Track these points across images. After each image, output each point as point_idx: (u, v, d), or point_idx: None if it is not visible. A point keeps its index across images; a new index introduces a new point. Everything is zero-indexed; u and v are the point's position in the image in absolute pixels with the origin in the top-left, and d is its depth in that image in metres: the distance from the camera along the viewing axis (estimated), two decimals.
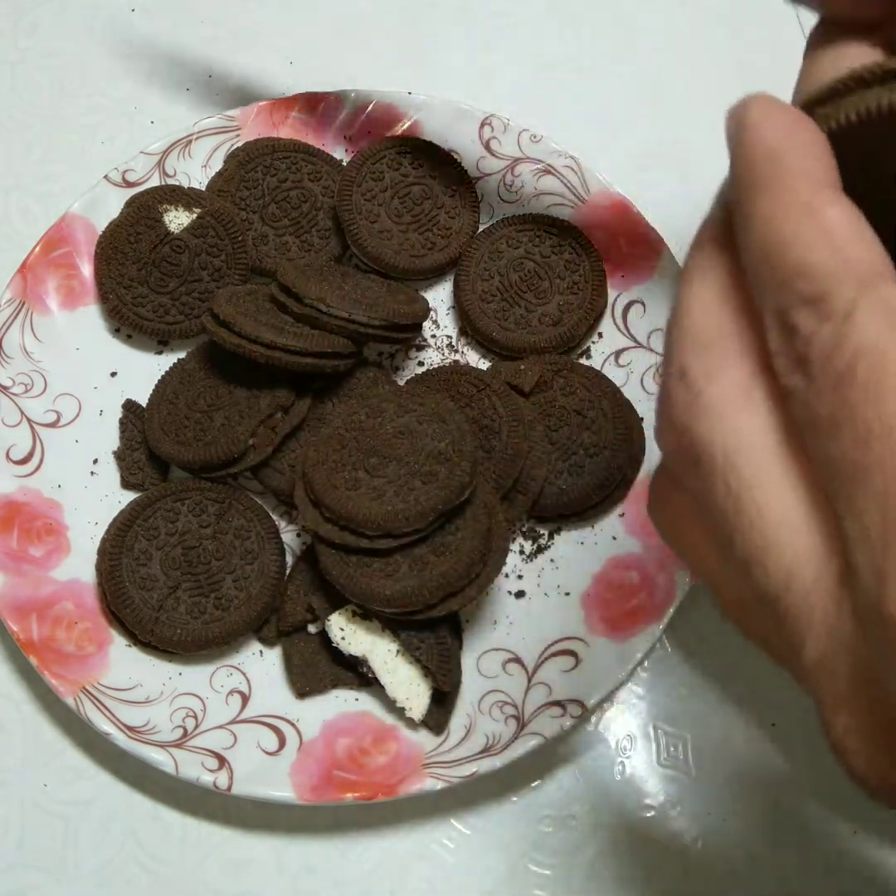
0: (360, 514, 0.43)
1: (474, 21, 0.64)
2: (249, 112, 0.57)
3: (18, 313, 0.52)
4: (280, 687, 0.47)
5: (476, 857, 0.46)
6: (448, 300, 0.55)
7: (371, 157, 0.55)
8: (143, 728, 0.44)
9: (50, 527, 0.49)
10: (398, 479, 0.44)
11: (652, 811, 0.46)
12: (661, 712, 0.48)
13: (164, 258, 0.52)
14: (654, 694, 0.48)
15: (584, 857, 0.45)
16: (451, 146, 0.56)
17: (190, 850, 0.46)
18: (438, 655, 0.44)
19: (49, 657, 0.45)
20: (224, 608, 0.46)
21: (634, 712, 0.48)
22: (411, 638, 0.44)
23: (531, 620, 0.48)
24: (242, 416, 0.48)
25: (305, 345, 0.46)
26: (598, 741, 0.47)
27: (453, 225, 0.55)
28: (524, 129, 0.56)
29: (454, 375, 0.51)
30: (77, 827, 0.46)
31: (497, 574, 0.45)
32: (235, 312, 0.47)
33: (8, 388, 0.51)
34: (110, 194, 0.54)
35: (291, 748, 0.45)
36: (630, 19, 0.64)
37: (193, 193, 0.54)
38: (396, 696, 0.45)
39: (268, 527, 0.48)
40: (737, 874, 0.45)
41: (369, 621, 0.45)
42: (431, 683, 0.45)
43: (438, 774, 0.44)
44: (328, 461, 0.45)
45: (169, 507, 0.48)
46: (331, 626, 0.45)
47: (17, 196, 0.58)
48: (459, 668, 0.46)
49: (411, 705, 0.45)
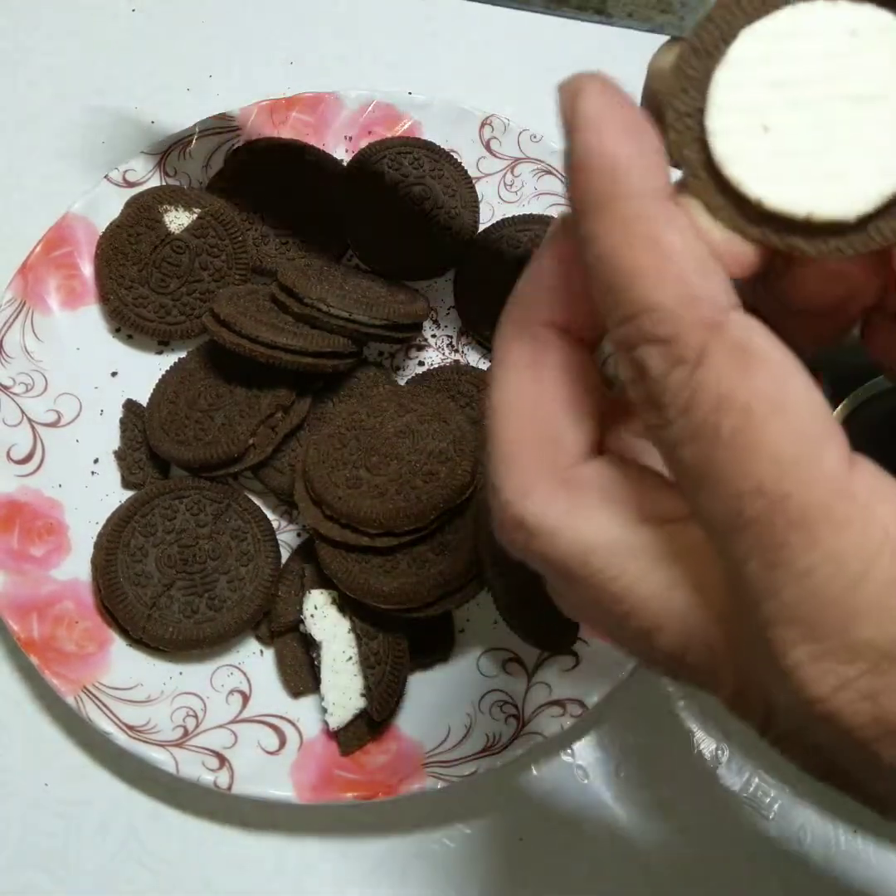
0: (361, 512, 0.43)
1: (474, 21, 0.64)
2: (250, 112, 0.57)
3: (19, 313, 0.52)
4: (280, 686, 0.47)
5: (476, 856, 0.46)
6: (448, 300, 0.55)
7: (371, 157, 0.55)
8: (144, 727, 0.44)
9: (51, 526, 0.49)
10: (399, 477, 0.44)
11: (652, 811, 0.46)
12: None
13: (165, 259, 0.52)
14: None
15: (585, 857, 0.45)
16: (451, 146, 0.56)
17: (190, 850, 0.46)
18: (386, 685, 0.44)
19: (50, 656, 0.45)
20: (217, 608, 0.46)
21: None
22: (370, 655, 0.44)
23: None
24: (243, 415, 0.48)
25: (306, 344, 0.46)
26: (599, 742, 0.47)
27: (453, 225, 0.55)
28: (524, 129, 0.56)
29: (454, 375, 0.51)
30: (77, 826, 0.46)
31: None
32: (236, 312, 0.47)
33: (9, 387, 0.51)
34: (111, 194, 0.54)
35: (292, 747, 0.45)
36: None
37: (194, 193, 0.54)
38: (325, 695, 0.44)
39: (264, 529, 0.48)
40: (737, 874, 0.45)
41: (342, 615, 0.45)
42: (364, 705, 0.44)
43: (438, 774, 0.44)
44: (329, 460, 0.45)
45: (167, 505, 0.48)
46: (308, 599, 0.45)
47: (18, 196, 0.58)
48: (398, 705, 0.46)
49: (333, 712, 0.44)
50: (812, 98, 0.20)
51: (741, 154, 0.20)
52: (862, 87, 0.20)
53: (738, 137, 0.20)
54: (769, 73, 0.20)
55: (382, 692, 0.44)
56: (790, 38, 0.20)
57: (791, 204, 0.20)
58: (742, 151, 0.20)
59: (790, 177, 0.20)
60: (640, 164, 0.20)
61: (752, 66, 0.21)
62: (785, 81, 0.20)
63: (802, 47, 0.20)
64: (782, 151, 0.20)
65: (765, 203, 0.20)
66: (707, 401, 0.19)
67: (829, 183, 0.20)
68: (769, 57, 0.20)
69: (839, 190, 0.20)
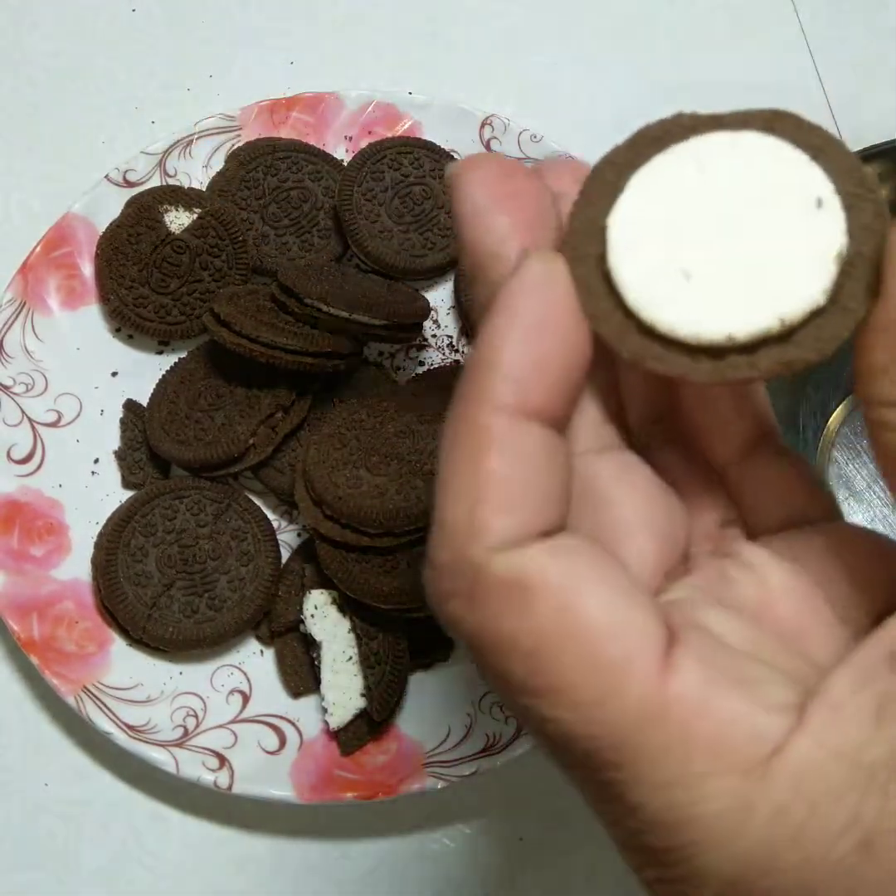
0: (361, 511, 0.43)
1: (474, 21, 0.64)
2: (250, 112, 0.57)
3: (19, 313, 0.52)
4: (280, 686, 0.47)
5: (476, 856, 0.46)
6: (448, 300, 0.55)
7: (371, 157, 0.55)
8: (144, 727, 0.44)
9: (51, 526, 0.49)
10: (399, 477, 0.44)
11: None
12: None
13: (165, 259, 0.52)
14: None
15: (584, 857, 0.45)
16: (451, 146, 0.56)
17: (190, 850, 0.46)
18: (386, 685, 0.44)
19: (50, 656, 0.45)
20: (217, 609, 0.46)
21: None
22: (370, 655, 0.44)
23: None
24: (243, 415, 0.48)
25: (306, 344, 0.46)
26: None
27: (453, 225, 0.55)
28: (524, 129, 0.56)
29: (455, 375, 0.51)
30: (77, 826, 0.46)
31: None
32: (236, 312, 0.47)
33: (9, 387, 0.51)
34: (111, 194, 0.54)
35: (292, 747, 0.45)
36: (630, 19, 0.64)
37: (194, 193, 0.54)
38: (326, 695, 0.44)
39: (265, 529, 0.48)
40: None
41: (343, 615, 0.45)
42: (364, 705, 0.44)
43: (439, 774, 0.44)
44: (329, 459, 0.45)
45: (167, 505, 0.48)
46: (308, 599, 0.45)
47: (18, 196, 0.58)
48: (398, 705, 0.46)
49: (333, 712, 0.44)
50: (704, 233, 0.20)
51: (646, 283, 0.20)
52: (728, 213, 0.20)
53: (645, 278, 0.20)
54: (657, 215, 0.21)
55: (382, 692, 0.44)
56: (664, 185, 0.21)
57: (688, 326, 0.20)
58: (647, 282, 0.20)
59: (694, 303, 0.20)
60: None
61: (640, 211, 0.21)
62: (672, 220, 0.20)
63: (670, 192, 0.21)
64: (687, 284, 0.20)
65: (658, 326, 0.20)
66: (490, 647, 0.18)
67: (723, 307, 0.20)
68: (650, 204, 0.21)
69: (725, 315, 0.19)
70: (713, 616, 0.20)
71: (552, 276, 0.20)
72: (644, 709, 0.17)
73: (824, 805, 0.17)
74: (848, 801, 0.17)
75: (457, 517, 0.19)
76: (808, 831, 0.17)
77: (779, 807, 0.17)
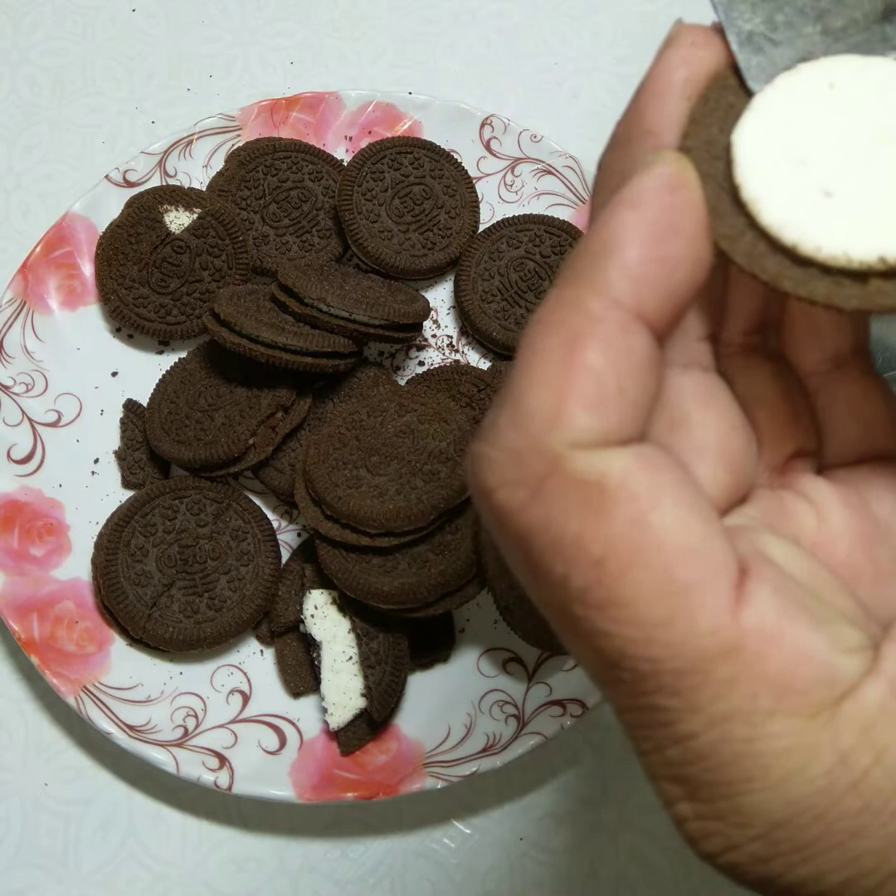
0: (361, 511, 0.43)
1: (474, 21, 0.64)
2: (250, 112, 0.57)
3: (19, 313, 0.52)
4: (280, 686, 0.47)
5: (476, 856, 0.46)
6: (448, 300, 0.56)
7: (371, 157, 0.55)
8: (144, 727, 0.44)
9: (51, 526, 0.49)
10: (399, 477, 0.44)
11: (652, 810, 0.46)
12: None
13: (165, 258, 0.52)
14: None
15: (584, 857, 0.45)
16: (451, 146, 0.56)
17: (190, 850, 0.46)
18: (386, 685, 0.44)
19: (50, 656, 0.45)
20: (217, 608, 0.46)
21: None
22: (370, 655, 0.44)
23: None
24: (243, 415, 0.48)
25: (306, 344, 0.46)
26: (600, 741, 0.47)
27: (453, 225, 0.55)
28: (524, 129, 0.56)
29: (455, 375, 0.51)
30: (77, 826, 0.46)
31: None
32: (236, 312, 0.47)
33: (9, 387, 0.51)
34: (111, 194, 0.54)
35: (292, 747, 0.45)
36: (630, 19, 0.64)
37: (194, 193, 0.54)
38: (326, 695, 0.44)
39: (264, 529, 0.48)
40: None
41: (343, 615, 0.45)
42: (364, 705, 0.44)
43: (439, 774, 0.44)
44: (329, 459, 0.45)
45: (167, 505, 0.48)
46: (308, 599, 0.45)
47: (18, 196, 0.58)
48: (398, 705, 0.46)
49: (333, 712, 0.44)
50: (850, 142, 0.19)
51: (776, 193, 0.19)
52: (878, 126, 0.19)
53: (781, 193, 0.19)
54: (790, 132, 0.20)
55: (382, 692, 0.44)
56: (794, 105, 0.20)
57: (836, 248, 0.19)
58: (777, 191, 0.19)
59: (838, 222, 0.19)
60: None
61: (772, 127, 0.20)
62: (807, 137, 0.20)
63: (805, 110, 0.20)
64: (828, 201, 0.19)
65: (803, 250, 0.19)
66: (549, 546, 0.17)
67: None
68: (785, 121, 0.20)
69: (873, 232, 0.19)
70: (776, 547, 0.19)
71: (686, 183, 0.19)
72: (715, 638, 0.17)
73: (891, 754, 0.17)
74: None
75: (540, 402, 0.17)
76: (871, 779, 0.17)
77: (844, 752, 0.17)
